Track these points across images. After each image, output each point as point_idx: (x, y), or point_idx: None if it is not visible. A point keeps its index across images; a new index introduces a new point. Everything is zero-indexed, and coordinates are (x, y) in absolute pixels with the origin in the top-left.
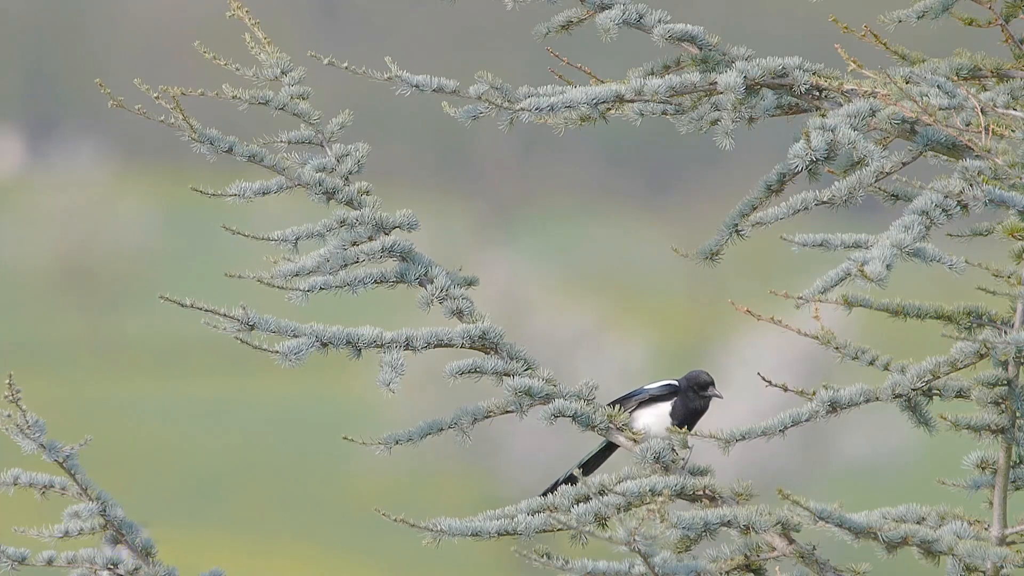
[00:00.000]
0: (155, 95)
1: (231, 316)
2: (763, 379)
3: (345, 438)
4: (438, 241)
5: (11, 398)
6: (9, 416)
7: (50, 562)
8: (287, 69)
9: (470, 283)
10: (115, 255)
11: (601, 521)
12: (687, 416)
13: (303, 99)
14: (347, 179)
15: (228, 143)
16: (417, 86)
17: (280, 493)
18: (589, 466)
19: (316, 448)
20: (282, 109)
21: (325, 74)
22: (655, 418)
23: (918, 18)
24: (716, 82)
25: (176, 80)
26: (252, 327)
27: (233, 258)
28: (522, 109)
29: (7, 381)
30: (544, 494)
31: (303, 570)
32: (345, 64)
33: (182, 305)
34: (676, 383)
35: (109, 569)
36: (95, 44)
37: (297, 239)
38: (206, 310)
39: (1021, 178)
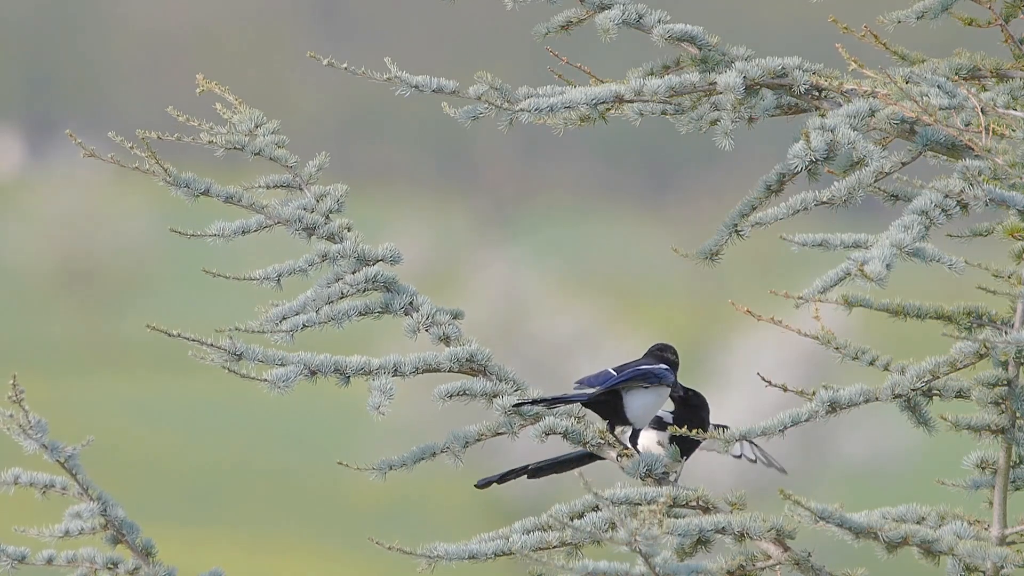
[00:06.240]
0: (130, 145)
1: (218, 347)
2: (763, 379)
3: (340, 463)
4: (438, 240)
5: (14, 398)
6: (11, 416)
7: (50, 561)
8: (260, 123)
9: (456, 316)
10: (115, 255)
11: (597, 532)
12: (685, 447)
13: (279, 147)
14: (328, 217)
15: (204, 185)
16: (417, 87)
17: (280, 493)
18: (565, 466)
19: (316, 448)
20: (257, 155)
21: (325, 74)
22: (647, 439)
23: (918, 18)
24: (716, 82)
25: (172, 84)
26: (240, 357)
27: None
28: (522, 110)
29: (11, 382)
30: (504, 476)
31: (303, 569)
32: (345, 64)
33: (169, 335)
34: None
35: (109, 569)
36: (95, 45)
37: (279, 276)
38: (192, 340)
39: (1021, 178)
